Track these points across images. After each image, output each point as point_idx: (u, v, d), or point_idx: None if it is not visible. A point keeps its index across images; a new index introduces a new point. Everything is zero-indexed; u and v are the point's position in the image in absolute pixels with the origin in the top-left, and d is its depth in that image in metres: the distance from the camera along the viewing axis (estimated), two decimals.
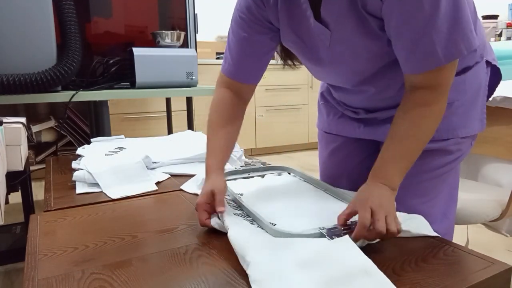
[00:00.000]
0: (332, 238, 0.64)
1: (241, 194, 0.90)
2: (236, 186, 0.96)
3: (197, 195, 0.94)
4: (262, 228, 0.71)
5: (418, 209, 0.84)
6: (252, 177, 1.05)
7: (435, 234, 0.73)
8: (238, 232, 0.68)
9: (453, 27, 0.67)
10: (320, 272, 0.56)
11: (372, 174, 0.74)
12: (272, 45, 0.91)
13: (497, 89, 0.97)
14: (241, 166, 1.13)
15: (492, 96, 1.17)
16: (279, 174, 1.09)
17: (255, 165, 1.14)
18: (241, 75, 0.91)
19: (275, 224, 0.73)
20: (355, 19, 0.75)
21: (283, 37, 0.89)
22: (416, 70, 0.72)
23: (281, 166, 1.12)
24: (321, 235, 0.66)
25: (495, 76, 0.92)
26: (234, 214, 0.78)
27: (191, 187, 1.03)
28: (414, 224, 0.74)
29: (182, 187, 1.04)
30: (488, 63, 0.89)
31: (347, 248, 0.61)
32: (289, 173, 1.09)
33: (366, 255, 0.62)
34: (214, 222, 0.75)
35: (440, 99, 0.73)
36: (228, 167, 1.14)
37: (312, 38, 0.84)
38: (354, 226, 0.65)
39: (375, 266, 0.56)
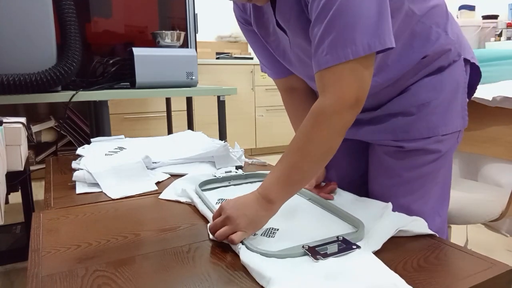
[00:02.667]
0: (316, 259, 0.61)
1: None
2: (216, 195, 0.95)
3: (178, 202, 0.94)
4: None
5: (410, 208, 0.86)
6: (234, 185, 1.04)
7: (431, 232, 0.74)
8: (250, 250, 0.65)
9: (339, 31, 0.65)
10: (348, 285, 0.55)
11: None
12: None
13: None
14: (227, 172, 1.11)
15: (493, 96, 1.17)
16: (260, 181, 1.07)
17: (236, 171, 1.12)
18: (275, 72, 1.00)
19: (277, 230, 0.73)
20: (304, 23, 0.76)
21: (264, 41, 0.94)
22: (315, 68, 0.70)
23: (262, 172, 1.10)
24: (305, 254, 0.63)
25: (475, 74, 0.92)
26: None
27: (170, 194, 0.98)
28: (413, 225, 0.74)
29: (160, 196, 0.97)
30: (466, 61, 0.89)
31: (372, 262, 0.60)
32: None
33: None
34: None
35: (337, 107, 0.67)
36: (211, 171, 1.14)
37: (279, 42, 0.88)
38: (342, 242, 0.66)
39: (403, 281, 0.55)
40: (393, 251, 0.66)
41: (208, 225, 0.74)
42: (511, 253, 1.76)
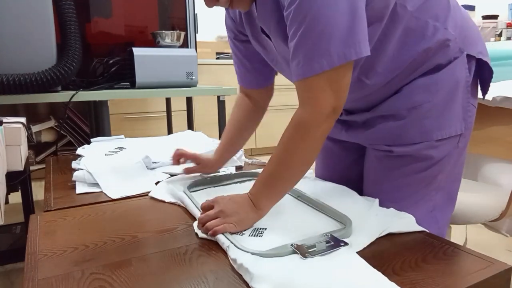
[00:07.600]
0: (305, 256, 0.62)
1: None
2: (205, 196, 0.94)
3: (164, 201, 0.93)
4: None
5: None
6: (222, 185, 1.04)
7: (421, 228, 0.73)
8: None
9: (313, 42, 0.65)
10: (330, 283, 0.55)
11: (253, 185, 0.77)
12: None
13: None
14: (217, 172, 1.10)
15: (493, 96, 1.17)
16: (250, 180, 1.07)
17: (225, 171, 1.12)
18: (246, 82, 1.03)
19: (263, 229, 0.74)
20: (284, 30, 0.74)
21: (256, 49, 0.94)
22: (293, 78, 0.71)
23: (252, 171, 1.09)
24: (293, 252, 0.64)
25: (485, 70, 0.85)
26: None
27: (161, 193, 0.97)
28: (401, 223, 0.74)
29: (151, 194, 0.97)
30: (471, 57, 0.82)
31: (355, 261, 0.60)
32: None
33: (365, 255, 0.62)
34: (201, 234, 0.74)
35: (314, 119, 0.68)
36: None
37: (268, 46, 0.87)
38: (330, 240, 0.66)
39: (386, 278, 0.55)
40: (391, 250, 0.66)
41: (199, 214, 0.76)
42: (511, 253, 1.76)
